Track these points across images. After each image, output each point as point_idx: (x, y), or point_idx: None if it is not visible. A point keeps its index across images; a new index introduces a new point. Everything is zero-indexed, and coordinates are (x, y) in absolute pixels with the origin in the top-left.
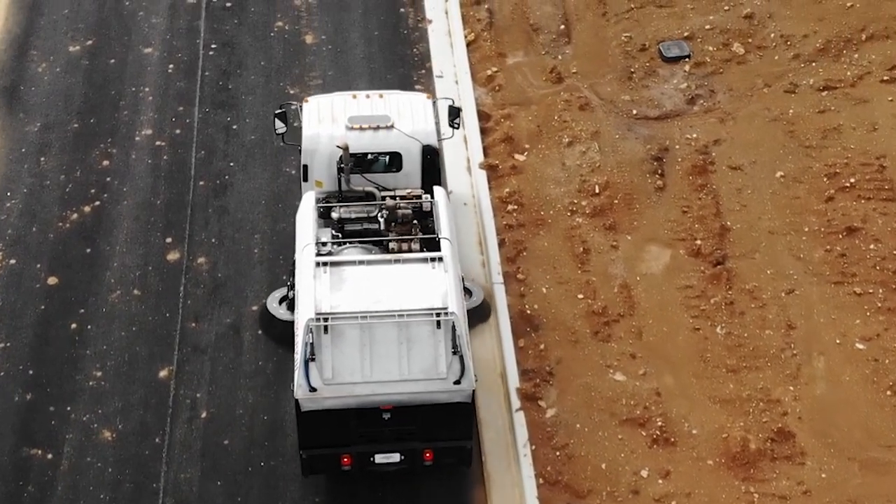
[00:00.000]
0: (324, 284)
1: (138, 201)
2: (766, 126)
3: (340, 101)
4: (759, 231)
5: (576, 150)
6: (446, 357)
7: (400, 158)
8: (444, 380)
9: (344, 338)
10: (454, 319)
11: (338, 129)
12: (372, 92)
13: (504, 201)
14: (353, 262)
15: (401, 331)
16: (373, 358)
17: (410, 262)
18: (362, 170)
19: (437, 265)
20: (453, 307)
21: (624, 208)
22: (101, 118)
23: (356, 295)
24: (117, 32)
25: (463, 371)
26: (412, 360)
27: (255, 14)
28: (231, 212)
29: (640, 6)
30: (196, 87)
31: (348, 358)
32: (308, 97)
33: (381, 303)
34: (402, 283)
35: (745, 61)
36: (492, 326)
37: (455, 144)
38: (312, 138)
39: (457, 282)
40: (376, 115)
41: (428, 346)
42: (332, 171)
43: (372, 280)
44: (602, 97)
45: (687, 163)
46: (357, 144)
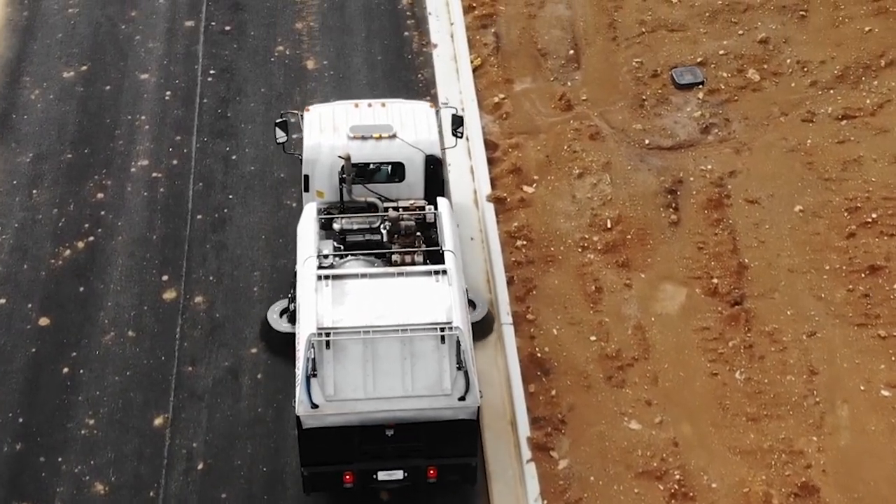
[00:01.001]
0: (325, 298)
1: (134, 236)
2: (784, 157)
3: (342, 110)
4: (778, 269)
5: (586, 181)
6: (451, 373)
7: (403, 168)
8: (448, 396)
9: (346, 353)
10: (459, 334)
11: (339, 138)
12: (374, 101)
13: (512, 236)
14: (356, 276)
15: (404, 346)
16: (376, 374)
17: (414, 275)
18: (364, 180)
19: (441, 278)
20: (458, 321)
21: (637, 244)
22: (96, 148)
23: (359, 309)
24: (113, 57)
25: (468, 387)
26: (416, 376)
27: (255, 38)
28: (230, 247)
29: (651, 30)
30: (194, 114)
31: (351, 374)
32: (309, 106)
33: (384, 317)
34: (405, 296)
35: (761, 88)
36: (501, 370)
37: (462, 175)
38: (314, 148)
39: (461, 295)
40: (378, 124)
41: (432, 362)
42: (334, 181)
43: (375, 294)
44: (613, 126)
45: (702, 196)
46: (359, 154)
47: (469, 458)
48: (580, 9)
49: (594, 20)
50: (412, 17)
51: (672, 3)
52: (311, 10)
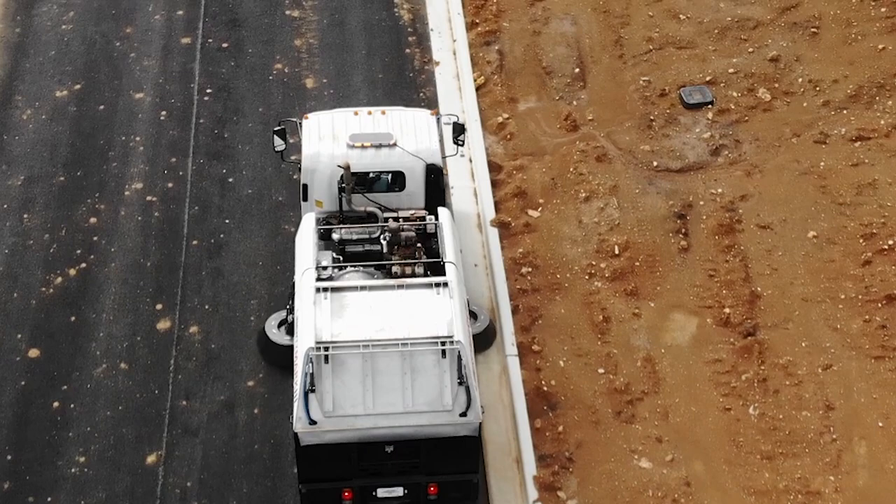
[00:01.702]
0: (324, 311)
1: (127, 263)
2: (796, 180)
3: (341, 118)
4: (791, 298)
5: (593, 206)
6: (452, 388)
7: (403, 178)
8: (449, 412)
9: (345, 368)
10: (460, 348)
11: (339, 147)
12: (374, 108)
13: (517, 263)
14: (355, 288)
15: (404, 360)
16: (375, 389)
17: (414, 287)
18: (364, 189)
19: (442, 291)
20: (459, 335)
21: (646, 271)
22: (89, 170)
23: (358, 322)
24: (107, 76)
25: (469, 403)
26: (416, 392)
27: (253, 56)
28: (226, 274)
29: (658, 47)
30: (190, 135)
31: (350, 389)
32: (308, 113)
33: (384, 331)
34: (405, 309)
35: (772, 108)
36: (506, 405)
37: (466, 199)
38: (312, 157)
39: (462, 308)
40: (378, 132)
41: (433, 377)
42: (333, 190)
43: (374, 307)
44: (620, 147)
45: (712, 221)
46: (358, 163)
47: (471, 474)
48: (586, 25)
49: (600, 37)
50: (413, 33)
51: (680, 20)
52: (310, 27)
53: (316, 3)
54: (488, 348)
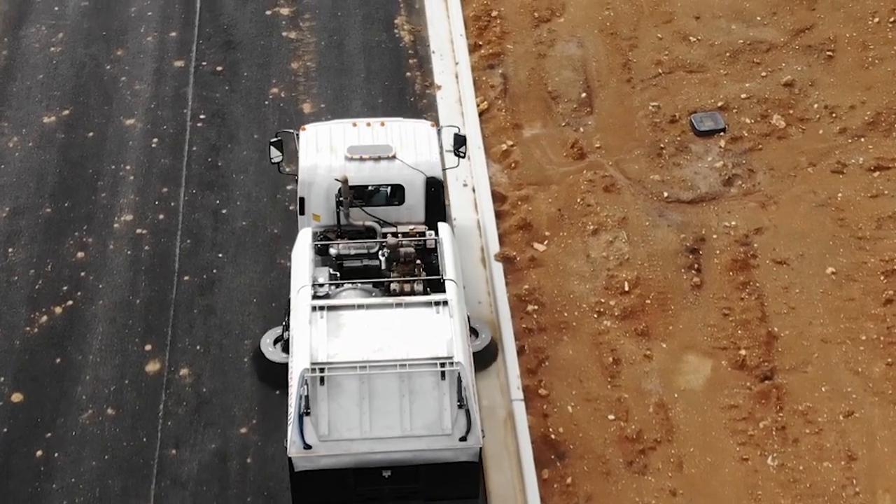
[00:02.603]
0: (320, 331)
1: (115, 301)
2: (813, 212)
3: (339, 130)
4: (810, 339)
5: (601, 239)
6: (451, 411)
7: (402, 191)
8: (448, 436)
9: (341, 390)
10: (460, 370)
11: (336, 159)
12: (373, 119)
13: (523, 300)
14: (352, 307)
15: (402, 382)
16: (372, 412)
17: (413, 306)
18: (362, 202)
19: (442, 309)
20: (459, 356)
21: (657, 310)
22: (77, 201)
23: (355, 342)
24: (97, 101)
25: (469, 427)
26: (414, 415)
27: (248, 80)
28: (219, 313)
29: (668, 71)
30: (182, 164)
31: (346, 412)
32: (305, 125)
33: (382, 351)
34: (404, 329)
35: (787, 136)
36: (511, 453)
37: (469, 231)
38: (310, 169)
39: (463, 328)
40: (377, 144)
41: (431, 399)
42: (331, 204)
43: (372, 326)
44: (629, 176)
45: (726, 256)
46: (357, 176)
47: (471, 500)
48: (592, 48)
49: (607, 60)
50: (414, 55)
51: (690, 42)
52: (307, 49)
53: (314, 24)
54: (490, 366)
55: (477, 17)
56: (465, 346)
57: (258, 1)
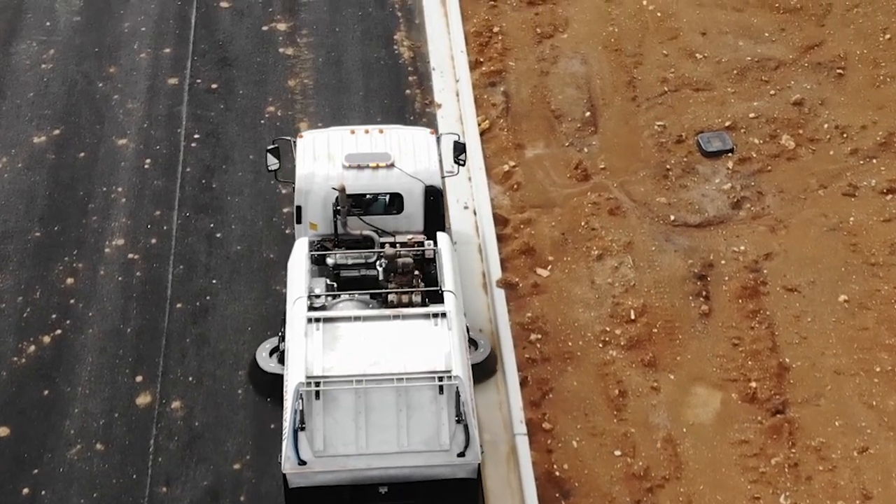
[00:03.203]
0: (316, 343)
1: (105, 329)
2: (825, 237)
3: (337, 137)
4: (822, 371)
5: (606, 264)
6: (449, 426)
7: (401, 200)
8: (446, 452)
9: (337, 404)
10: (458, 384)
11: (334, 167)
12: (371, 126)
13: (526, 328)
14: (349, 319)
15: (399, 396)
16: (369, 427)
17: (411, 318)
18: (360, 211)
19: (440, 322)
20: (457, 370)
21: (665, 339)
22: (67, 225)
23: (351, 355)
24: (88, 120)
25: (468, 442)
26: (412, 430)
27: (244, 98)
28: (212, 342)
29: (674, 89)
30: (175, 186)
31: (342, 427)
32: (303, 132)
33: (379, 365)
34: (401, 342)
35: (797, 157)
36: (514, 491)
37: (470, 256)
38: (307, 177)
39: (461, 340)
40: (376, 152)
41: (429, 414)
42: (328, 212)
43: (369, 338)
44: (635, 199)
45: (735, 282)
46: (354, 184)
47: None
48: (597, 65)
49: (612, 77)
50: (414, 72)
51: (696, 59)
52: (304, 66)
53: (311, 41)
54: (490, 378)
55: (478, 32)
56: (464, 359)
57: (254, 16)
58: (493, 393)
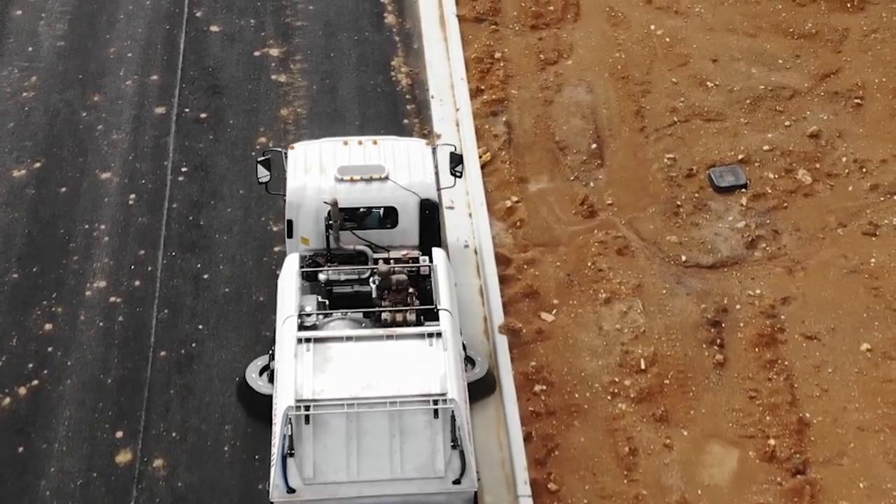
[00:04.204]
0: (306, 365)
1: (85, 380)
2: (845, 280)
3: (330, 149)
4: (845, 427)
5: (615, 309)
6: (444, 452)
7: (395, 214)
8: (441, 479)
9: (328, 429)
10: (454, 407)
11: (326, 180)
12: (365, 138)
13: (529, 379)
14: (340, 339)
15: (393, 421)
16: (360, 453)
17: (405, 337)
18: (353, 225)
19: (436, 342)
20: (453, 393)
21: (677, 391)
22: (46, 266)
23: (343, 378)
24: (71, 152)
25: (464, 469)
26: (405, 456)
27: (234, 128)
28: (197, 393)
29: (684, 119)
30: (161, 223)
31: (332, 453)
32: (294, 143)
33: (371, 387)
34: (395, 363)
35: (814, 193)
36: None
37: (471, 299)
38: (298, 191)
39: (457, 361)
40: (369, 164)
41: (423, 439)
42: (320, 226)
43: (361, 360)
44: (644, 237)
45: (751, 329)
46: (347, 198)
47: None
48: (603, 93)
49: (619, 107)
50: (412, 101)
51: (707, 88)
52: (297, 94)
53: (305, 67)
54: (487, 397)
55: (479, 59)
56: (460, 381)
57: (246, 41)
58: (496, 450)
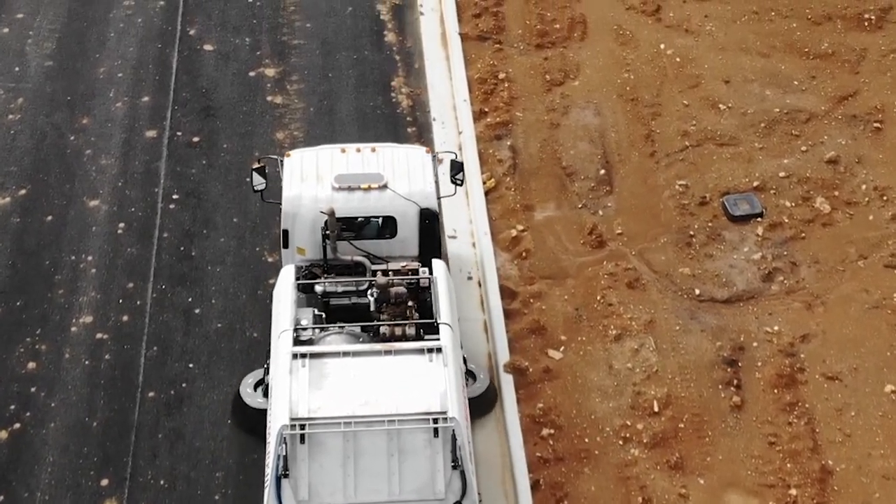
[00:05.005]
0: (301, 382)
1: (69, 423)
2: (866, 316)
3: (327, 156)
4: (869, 475)
5: (626, 346)
6: (445, 473)
7: (394, 223)
8: (441, 501)
9: (324, 449)
10: (455, 426)
11: (323, 189)
12: (363, 145)
13: (537, 422)
14: (337, 354)
15: (391, 440)
16: (357, 474)
17: (404, 353)
18: (351, 235)
19: (436, 357)
20: (454, 411)
21: (692, 436)
22: (31, 300)
23: (340, 395)
24: (58, 178)
25: (464, 490)
26: (404, 477)
27: (228, 152)
28: (187, 438)
29: (696, 144)
30: (151, 253)
31: (329, 474)
32: (290, 151)
33: (369, 405)
34: (393, 379)
35: (833, 222)
36: None
37: (475, 336)
38: (294, 200)
39: (458, 378)
40: (367, 172)
41: (423, 459)
42: (316, 237)
43: (359, 376)
44: (655, 269)
45: (769, 369)
46: (345, 207)
47: None
48: (611, 116)
49: (628, 130)
50: (413, 123)
51: (720, 111)
52: (294, 117)
53: (302, 88)
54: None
55: (482, 79)
56: (461, 398)
57: (241, 60)
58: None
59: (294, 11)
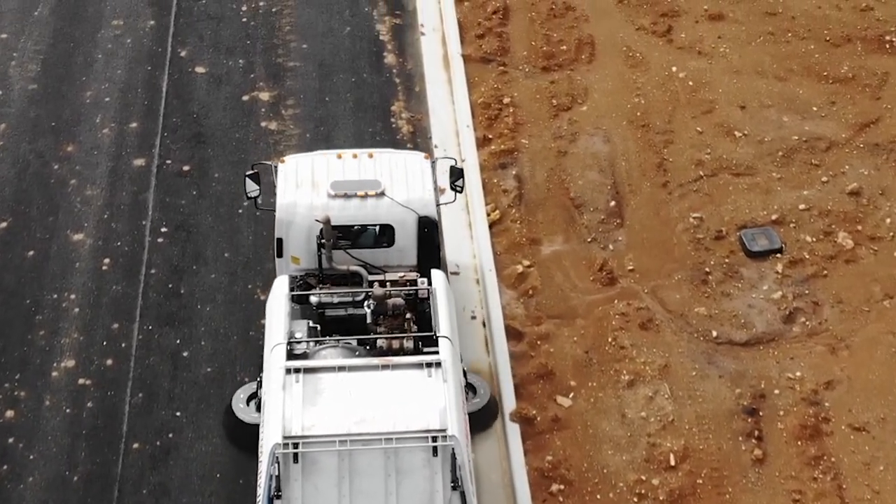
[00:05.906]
0: (295, 398)
1: (48, 477)
2: (894, 360)
3: (322, 162)
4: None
5: (639, 393)
6: (444, 493)
7: (392, 232)
8: None
9: (318, 468)
10: (454, 445)
11: (318, 196)
12: (360, 150)
13: (545, 475)
14: (332, 369)
15: (388, 459)
16: (353, 494)
17: (402, 367)
18: (347, 244)
19: (435, 372)
20: (454, 429)
21: (712, 493)
22: (10, 342)
23: (335, 412)
24: (40, 210)
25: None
26: (402, 498)
27: (220, 182)
28: (173, 493)
29: (711, 174)
30: (138, 291)
31: (323, 494)
32: (285, 156)
33: (366, 423)
34: (391, 395)
35: (856, 259)
36: None
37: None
38: (288, 207)
39: (458, 394)
40: (364, 179)
41: (421, 479)
42: (311, 245)
43: (355, 392)
44: (669, 309)
45: (792, 419)
46: (341, 215)
47: None
48: (621, 143)
49: (639, 159)
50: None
51: (735, 138)
52: (289, 143)
53: (298, 112)
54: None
55: (486, 104)
56: (461, 415)
57: (234, 83)
58: None
59: (290, 32)
